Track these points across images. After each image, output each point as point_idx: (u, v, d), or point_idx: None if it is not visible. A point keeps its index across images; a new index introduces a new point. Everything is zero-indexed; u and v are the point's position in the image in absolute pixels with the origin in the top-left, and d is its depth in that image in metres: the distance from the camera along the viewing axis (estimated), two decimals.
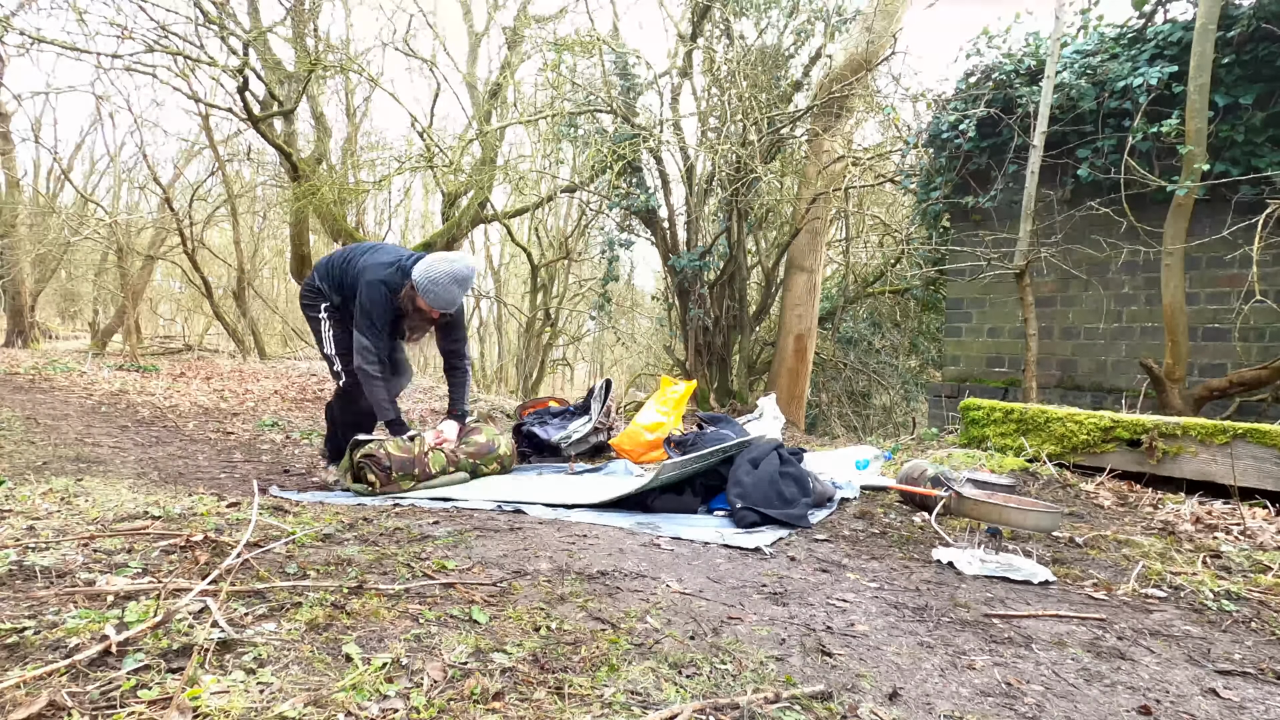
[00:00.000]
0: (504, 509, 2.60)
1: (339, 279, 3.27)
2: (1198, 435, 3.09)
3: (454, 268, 3.10)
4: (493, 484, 3.16)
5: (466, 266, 3.15)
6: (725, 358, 7.88)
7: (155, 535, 1.72)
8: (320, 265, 3.39)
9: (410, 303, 3.14)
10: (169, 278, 17.36)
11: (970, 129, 5.45)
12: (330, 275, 3.30)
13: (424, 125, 8.93)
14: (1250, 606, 1.90)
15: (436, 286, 3.07)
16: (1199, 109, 4.07)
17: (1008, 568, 2.09)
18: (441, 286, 3.07)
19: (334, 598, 1.42)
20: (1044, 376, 5.36)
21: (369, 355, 3.12)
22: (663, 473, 2.67)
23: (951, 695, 1.29)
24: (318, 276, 3.34)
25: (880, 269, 9.28)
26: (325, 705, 1.02)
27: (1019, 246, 4.65)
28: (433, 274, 3.07)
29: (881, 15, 6.72)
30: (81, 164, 15.94)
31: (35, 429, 4.17)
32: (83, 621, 1.20)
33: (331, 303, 3.29)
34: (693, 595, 1.70)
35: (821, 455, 3.80)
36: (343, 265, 3.28)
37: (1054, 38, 4.56)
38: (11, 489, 2.24)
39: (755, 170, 6.56)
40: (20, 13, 8.82)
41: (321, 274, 3.33)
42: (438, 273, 3.07)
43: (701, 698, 1.16)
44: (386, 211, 15.78)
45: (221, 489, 2.89)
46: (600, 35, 7.38)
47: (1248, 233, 3.96)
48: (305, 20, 8.88)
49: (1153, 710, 1.29)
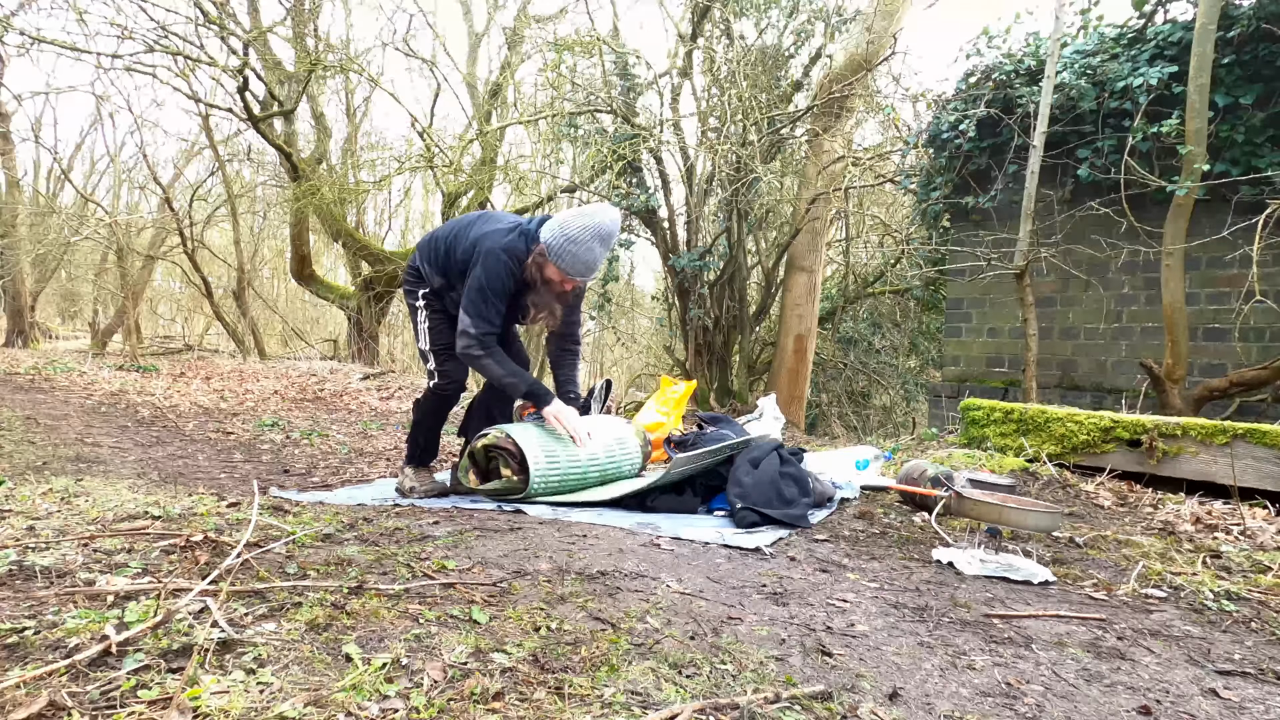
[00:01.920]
0: (504, 509, 2.60)
1: (443, 258, 2.72)
2: (1198, 435, 3.09)
3: (596, 221, 2.53)
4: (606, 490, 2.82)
5: (610, 219, 2.57)
6: (725, 358, 7.88)
7: (155, 535, 1.72)
8: (422, 243, 2.85)
9: (538, 272, 2.59)
10: (169, 278, 17.36)
11: (970, 129, 5.45)
12: (433, 254, 2.75)
13: (424, 125, 8.93)
14: (1250, 606, 1.90)
15: (575, 246, 2.51)
16: (1199, 109, 4.07)
17: (1008, 568, 2.09)
18: (582, 246, 2.51)
19: (334, 598, 1.42)
20: (1044, 376, 5.37)
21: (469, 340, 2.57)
22: (674, 467, 2.64)
23: (951, 695, 1.29)
24: (419, 256, 2.80)
25: (880, 269, 9.28)
26: (325, 705, 1.02)
27: (1019, 246, 4.65)
28: (569, 231, 2.52)
29: (881, 15, 6.73)
30: (81, 164, 15.95)
31: (35, 429, 4.17)
32: (83, 621, 1.20)
33: (431, 288, 2.77)
34: (693, 595, 1.70)
35: (821, 455, 3.80)
36: (449, 241, 2.72)
37: (1054, 38, 4.56)
38: (11, 489, 2.24)
39: (755, 170, 6.56)
40: (20, 13, 8.83)
41: (423, 253, 2.79)
42: (575, 229, 2.51)
43: (701, 698, 1.16)
44: (386, 211, 15.77)
45: (221, 489, 2.89)
46: (600, 35, 7.38)
47: (1248, 233, 3.96)
48: (305, 20, 8.88)
49: (1153, 710, 1.29)
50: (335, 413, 6.01)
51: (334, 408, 6.32)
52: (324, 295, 11.67)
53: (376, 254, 10.65)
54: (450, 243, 2.73)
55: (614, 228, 2.59)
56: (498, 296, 2.59)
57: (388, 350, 13.11)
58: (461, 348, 2.63)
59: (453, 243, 2.72)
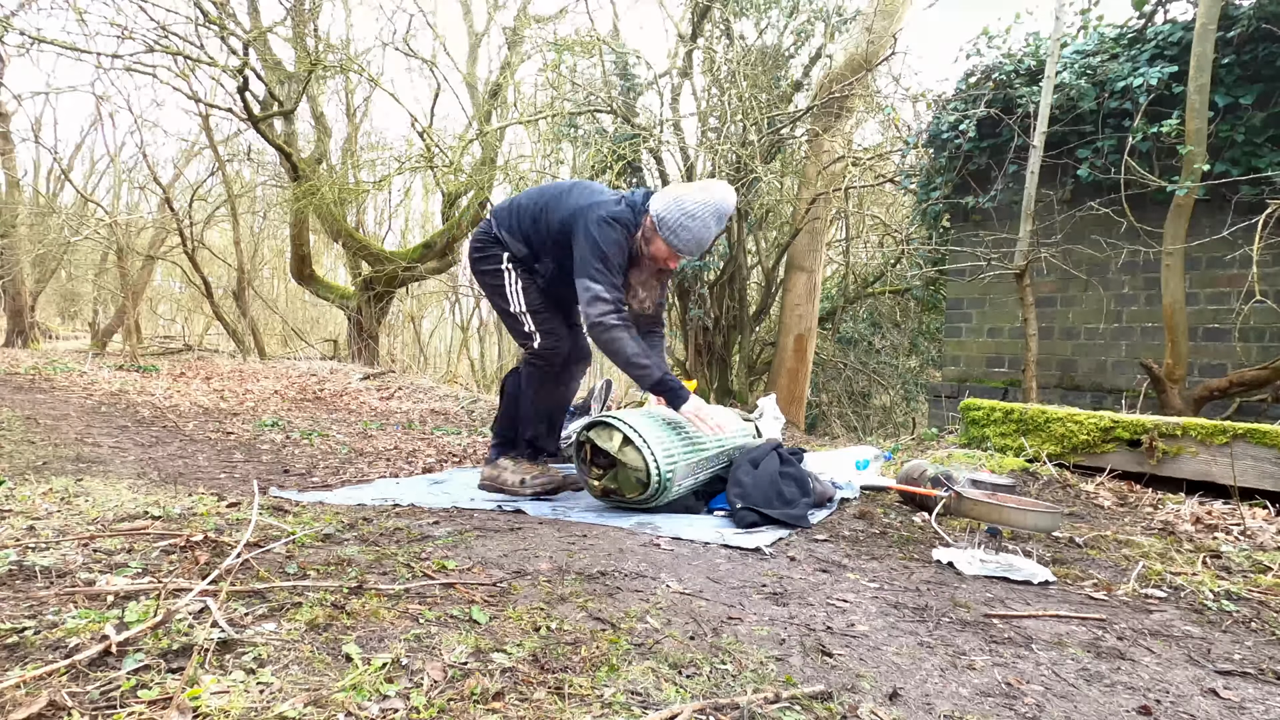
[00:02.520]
0: (504, 509, 2.60)
1: (528, 228, 2.60)
2: (1198, 435, 3.09)
3: (717, 197, 2.44)
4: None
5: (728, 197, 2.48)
6: (725, 358, 7.88)
7: (155, 535, 1.72)
8: (500, 212, 2.71)
9: (645, 246, 2.49)
10: (169, 278, 17.37)
11: (970, 129, 5.45)
12: (516, 223, 2.63)
13: (424, 125, 8.94)
14: (1250, 606, 1.90)
15: (692, 221, 2.41)
16: (1199, 109, 4.07)
17: (1008, 568, 2.09)
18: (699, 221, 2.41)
19: (334, 598, 1.42)
20: (1044, 376, 5.37)
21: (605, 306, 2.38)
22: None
23: (951, 695, 1.29)
24: (496, 223, 2.68)
25: (880, 269, 9.28)
26: (325, 705, 1.02)
27: (1019, 246, 4.65)
28: (686, 205, 2.42)
29: (881, 15, 6.73)
30: (81, 164, 15.97)
31: (35, 429, 4.17)
32: (83, 621, 1.20)
33: (514, 254, 2.65)
34: (693, 595, 1.70)
35: (821, 455, 3.80)
36: (536, 210, 2.59)
37: (1054, 38, 4.56)
38: (11, 489, 2.24)
39: (755, 170, 6.56)
40: (20, 13, 8.83)
41: (503, 221, 2.66)
42: (693, 204, 2.42)
43: (701, 698, 1.16)
44: (386, 211, 15.79)
45: (221, 489, 2.89)
46: (600, 35, 7.39)
47: (1248, 233, 3.96)
48: (305, 20, 8.88)
49: (1153, 710, 1.29)
50: (335, 413, 6.01)
51: (334, 408, 6.32)
52: (324, 295, 11.68)
53: (376, 254, 10.65)
54: (538, 211, 2.57)
55: (730, 207, 2.48)
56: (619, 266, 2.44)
57: (388, 350, 13.11)
58: (595, 316, 2.39)
59: (541, 211, 2.56)
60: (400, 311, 14.06)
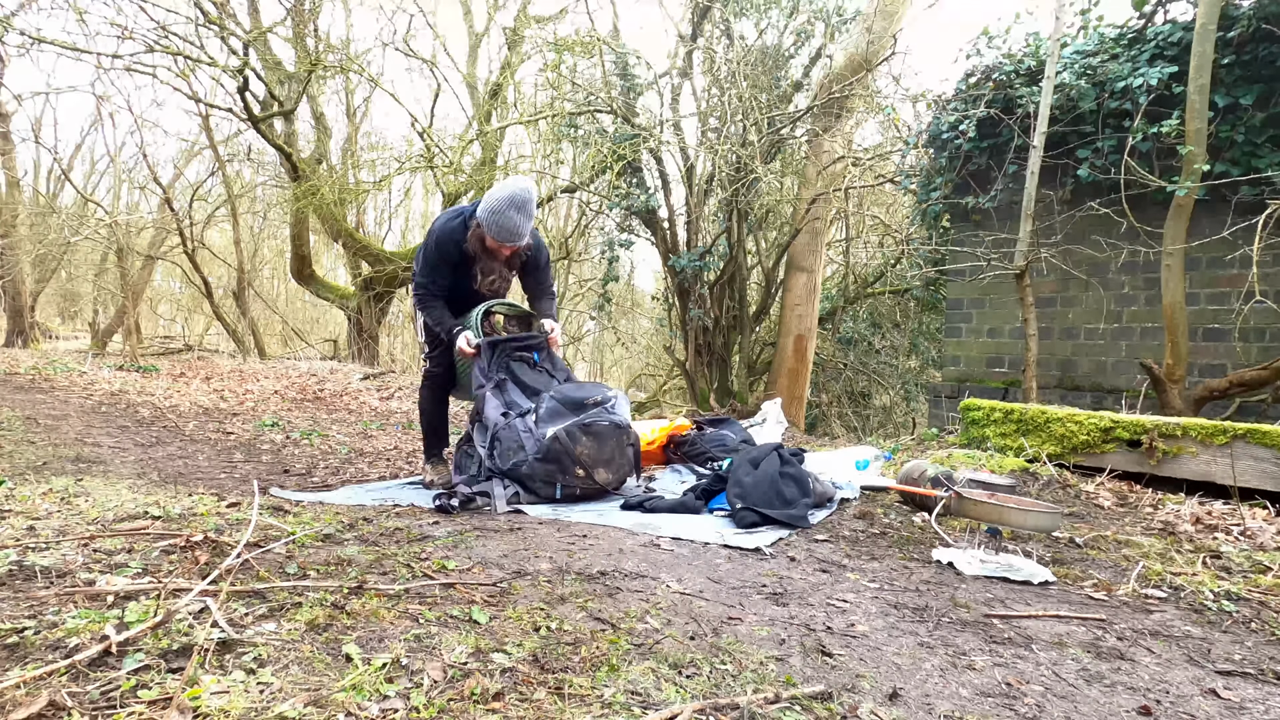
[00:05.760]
0: (505, 508, 2.59)
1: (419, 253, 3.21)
2: (1198, 436, 3.09)
3: (510, 191, 2.89)
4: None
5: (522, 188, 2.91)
6: (725, 358, 7.88)
7: (155, 535, 1.72)
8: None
9: (480, 244, 3.00)
10: (169, 278, 17.37)
11: (970, 129, 5.44)
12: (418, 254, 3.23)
13: (424, 125, 8.94)
14: (1250, 607, 1.90)
15: (497, 216, 2.88)
16: (1199, 109, 4.07)
17: (1008, 568, 2.09)
18: (501, 215, 2.87)
19: (334, 598, 1.42)
20: (1044, 377, 5.36)
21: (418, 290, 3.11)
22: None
23: (951, 695, 1.29)
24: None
25: (880, 269, 9.28)
26: (325, 705, 1.02)
27: (1019, 247, 4.65)
28: (490, 202, 2.90)
29: (881, 15, 6.73)
30: (81, 164, 15.97)
31: (35, 429, 4.17)
32: (83, 621, 1.20)
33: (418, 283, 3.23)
34: (693, 595, 1.70)
35: (821, 455, 3.80)
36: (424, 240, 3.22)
37: (1054, 38, 4.56)
38: (11, 489, 2.24)
39: (755, 170, 6.56)
40: (20, 13, 8.83)
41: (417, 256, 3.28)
42: (494, 200, 2.89)
43: (701, 698, 1.16)
44: (386, 211, 15.78)
45: (221, 489, 2.89)
46: (600, 36, 7.39)
47: (1248, 233, 3.96)
48: (305, 20, 8.88)
49: (1153, 710, 1.29)
50: (335, 413, 6.01)
51: (334, 408, 6.32)
52: (324, 295, 11.68)
53: (376, 254, 10.65)
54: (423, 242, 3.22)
55: (526, 195, 2.90)
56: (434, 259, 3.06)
57: (387, 350, 13.11)
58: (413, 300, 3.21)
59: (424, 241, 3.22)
60: (400, 311, 14.04)
